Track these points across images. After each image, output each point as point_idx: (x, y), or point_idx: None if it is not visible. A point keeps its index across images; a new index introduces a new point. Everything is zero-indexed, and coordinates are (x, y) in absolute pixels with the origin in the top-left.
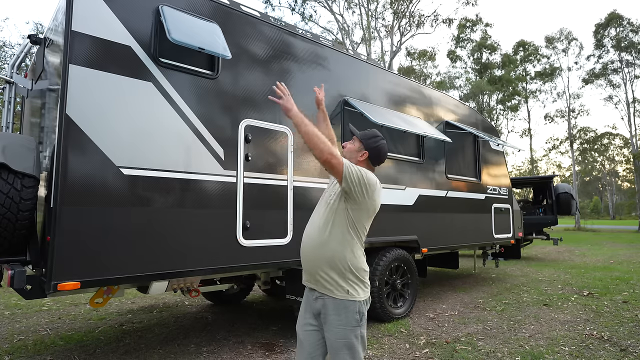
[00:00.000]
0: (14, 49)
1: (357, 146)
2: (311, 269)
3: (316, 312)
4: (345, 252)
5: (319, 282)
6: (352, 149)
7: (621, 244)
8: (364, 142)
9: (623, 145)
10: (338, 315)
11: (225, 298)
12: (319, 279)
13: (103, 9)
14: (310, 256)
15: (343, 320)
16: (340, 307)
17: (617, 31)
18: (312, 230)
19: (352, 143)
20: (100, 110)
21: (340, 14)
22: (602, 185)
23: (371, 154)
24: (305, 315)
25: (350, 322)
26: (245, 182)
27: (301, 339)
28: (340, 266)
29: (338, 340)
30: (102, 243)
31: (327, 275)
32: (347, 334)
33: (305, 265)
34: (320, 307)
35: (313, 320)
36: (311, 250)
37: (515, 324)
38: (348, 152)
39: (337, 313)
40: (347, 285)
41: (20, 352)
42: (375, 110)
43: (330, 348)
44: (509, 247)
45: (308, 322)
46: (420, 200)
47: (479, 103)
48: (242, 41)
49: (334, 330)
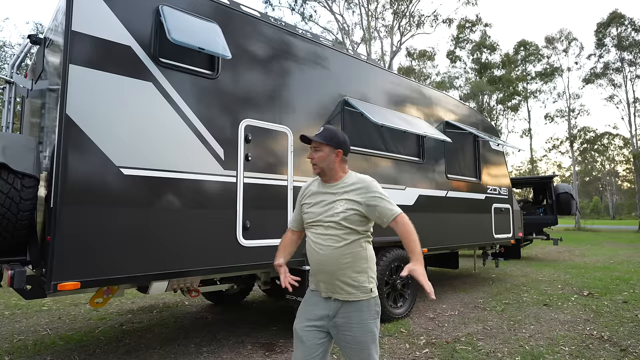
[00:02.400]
0: (14, 49)
1: (328, 150)
2: (329, 280)
3: (332, 313)
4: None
5: (342, 291)
6: (323, 156)
7: (621, 244)
8: (332, 143)
9: (623, 145)
10: (361, 312)
11: (225, 298)
12: (341, 288)
13: (103, 9)
14: (327, 270)
15: (366, 316)
16: (364, 304)
17: (619, 30)
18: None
19: (317, 151)
20: (100, 110)
21: (340, 14)
22: (602, 185)
23: (344, 148)
24: (309, 317)
25: (372, 315)
26: (245, 182)
27: (301, 337)
28: (361, 267)
29: (363, 335)
30: (102, 243)
31: (352, 280)
32: (371, 327)
33: (322, 278)
34: (338, 308)
35: (318, 321)
36: (328, 266)
37: (515, 324)
38: (323, 162)
39: (360, 310)
40: (370, 283)
41: (20, 352)
42: (375, 110)
43: (352, 343)
44: (509, 247)
45: (312, 324)
46: (420, 200)
47: (479, 103)
48: (242, 41)
49: (357, 326)
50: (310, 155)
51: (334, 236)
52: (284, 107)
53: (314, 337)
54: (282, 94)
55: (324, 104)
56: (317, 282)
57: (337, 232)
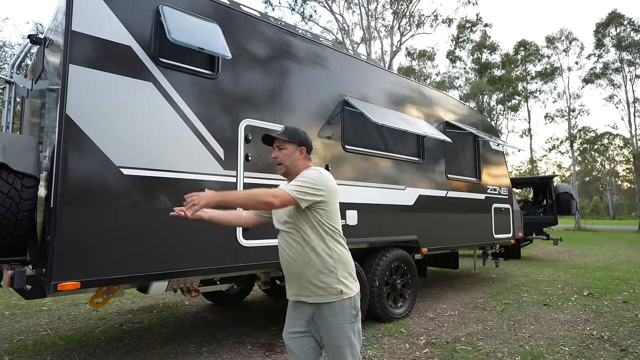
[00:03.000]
0: (14, 49)
1: (292, 148)
2: (298, 282)
3: (309, 317)
4: (325, 252)
5: (311, 293)
6: (288, 154)
7: (621, 244)
8: (295, 141)
9: (623, 145)
10: (335, 316)
11: (225, 298)
12: (309, 290)
13: (103, 9)
14: (295, 273)
15: (340, 319)
16: (337, 307)
17: (618, 30)
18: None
19: (281, 150)
20: (100, 110)
21: (340, 14)
22: (602, 185)
23: (307, 146)
24: (292, 324)
25: (348, 318)
26: (245, 182)
27: (290, 348)
28: (327, 268)
29: (338, 340)
30: (102, 243)
31: (318, 282)
32: (346, 331)
33: (292, 281)
34: (313, 312)
35: (302, 327)
36: (294, 268)
37: (515, 324)
38: (287, 159)
39: (334, 314)
40: (339, 284)
41: (20, 352)
42: (375, 110)
43: (330, 348)
44: (509, 247)
45: (296, 330)
46: (420, 200)
47: (479, 103)
48: (242, 41)
49: (332, 331)
50: (275, 154)
51: (294, 239)
52: (284, 107)
53: (301, 343)
54: (282, 94)
55: (324, 104)
56: (288, 286)
57: (295, 234)
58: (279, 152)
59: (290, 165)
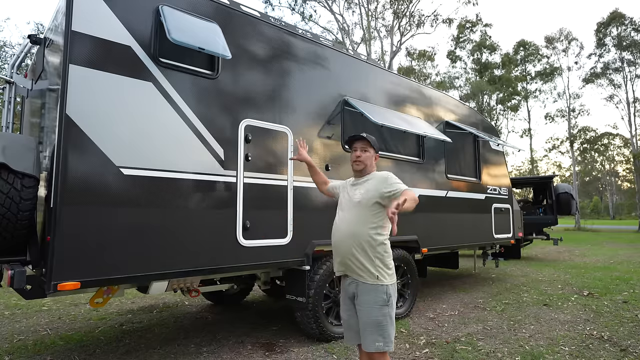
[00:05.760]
0: (14, 49)
1: (372, 152)
2: (344, 258)
3: (350, 296)
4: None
5: (353, 270)
6: (369, 156)
7: (621, 244)
8: (376, 147)
9: (623, 145)
10: (367, 295)
11: (225, 298)
12: (352, 267)
13: (103, 9)
14: (345, 245)
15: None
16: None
17: (619, 30)
18: (346, 226)
19: (365, 152)
20: (100, 110)
21: (340, 14)
22: (602, 185)
23: (378, 153)
24: (345, 301)
25: (378, 301)
26: (245, 182)
27: (346, 320)
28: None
29: (368, 319)
30: (102, 243)
31: (358, 262)
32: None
33: (339, 255)
34: (354, 290)
35: (350, 304)
36: (346, 240)
37: (515, 324)
38: (368, 160)
39: (367, 293)
40: (376, 271)
41: (20, 352)
42: (375, 110)
43: (362, 325)
44: (509, 247)
45: (348, 307)
46: (420, 200)
47: (479, 103)
48: (242, 41)
49: (363, 309)
50: (359, 154)
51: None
52: (284, 107)
53: (354, 319)
54: (282, 94)
55: (324, 103)
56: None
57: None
58: (362, 152)
59: (369, 165)
